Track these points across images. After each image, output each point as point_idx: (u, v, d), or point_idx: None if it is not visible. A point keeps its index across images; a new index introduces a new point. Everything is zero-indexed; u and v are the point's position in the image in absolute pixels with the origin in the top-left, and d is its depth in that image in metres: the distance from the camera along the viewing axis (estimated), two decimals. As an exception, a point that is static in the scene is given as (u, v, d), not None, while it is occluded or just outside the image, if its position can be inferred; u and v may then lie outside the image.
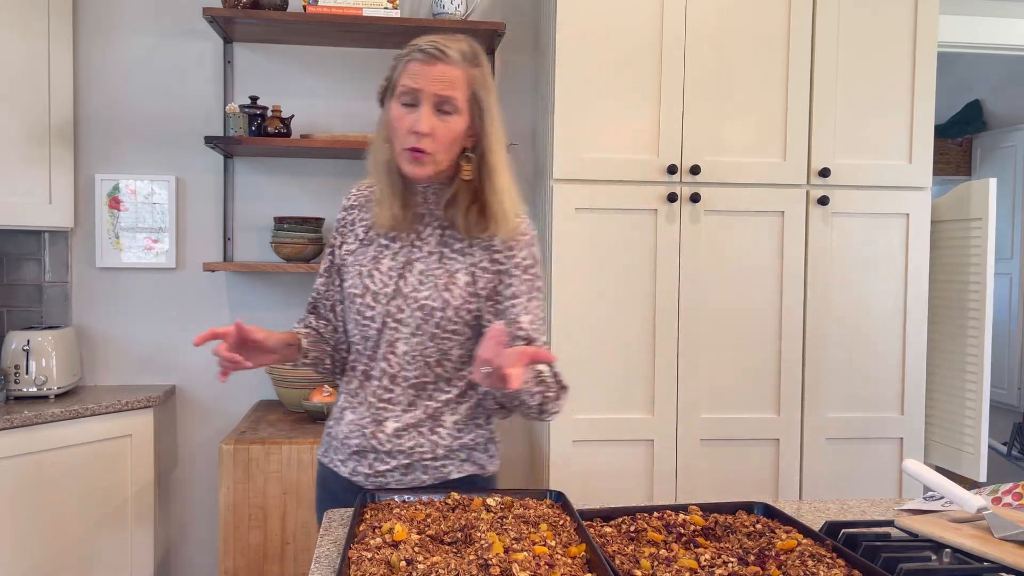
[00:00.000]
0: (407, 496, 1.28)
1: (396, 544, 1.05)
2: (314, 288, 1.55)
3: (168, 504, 2.79)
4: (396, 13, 2.51)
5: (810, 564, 1.03)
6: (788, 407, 2.43)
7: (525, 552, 1.03)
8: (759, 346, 2.42)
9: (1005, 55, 3.14)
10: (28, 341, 2.46)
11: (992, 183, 2.40)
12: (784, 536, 1.14)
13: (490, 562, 0.98)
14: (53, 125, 2.58)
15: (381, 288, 1.42)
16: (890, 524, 1.24)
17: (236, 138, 2.49)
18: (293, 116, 2.67)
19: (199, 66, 2.74)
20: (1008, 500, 1.34)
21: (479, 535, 1.08)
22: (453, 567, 0.98)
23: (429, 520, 1.15)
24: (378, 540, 1.06)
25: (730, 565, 1.03)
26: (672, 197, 2.36)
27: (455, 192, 1.41)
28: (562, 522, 1.17)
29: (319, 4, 2.49)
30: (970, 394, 2.47)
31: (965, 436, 2.48)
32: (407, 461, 1.43)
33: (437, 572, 0.97)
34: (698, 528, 1.18)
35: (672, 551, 1.09)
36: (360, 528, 1.14)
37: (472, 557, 1.01)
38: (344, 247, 1.50)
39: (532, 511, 1.20)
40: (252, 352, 1.31)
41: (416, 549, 1.03)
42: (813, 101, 2.41)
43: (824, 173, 2.40)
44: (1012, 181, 4.05)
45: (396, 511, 1.19)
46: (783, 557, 1.06)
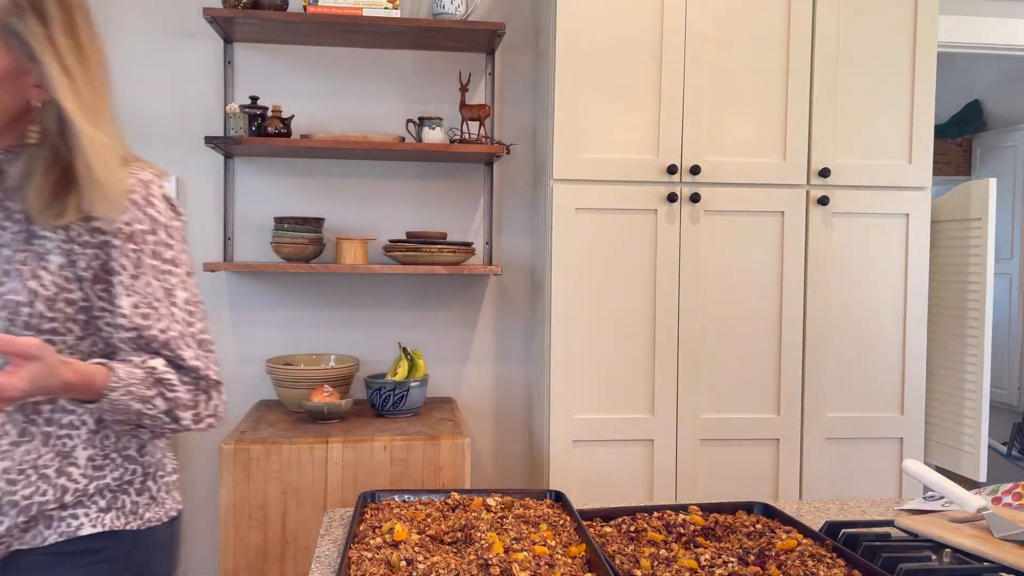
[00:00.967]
0: (407, 496, 1.28)
1: (396, 544, 1.06)
2: None
3: (168, 504, 2.79)
4: (396, 13, 2.51)
5: (810, 564, 1.03)
6: (788, 407, 2.43)
7: (525, 552, 1.03)
8: (759, 346, 2.42)
9: (1005, 55, 3.14)
10: (28, 341, 2.46)
11: (992, 183, 2.40)
12: (784, 536, 1.14)
13: (490, 562, 0.98)
14: (53, 125, 2.57)
15: None
16: (890, 524, 1.24)
17: (236, 138, 2.49)
18: (293, 116, 2.67)
19: (199, 66, 2.74)
20: (1008, 500, 1.35)
21: (479, 535, 1.08)
22: (453, 567, 0.98)
23: (429, 520, 1.15)
24: (378, 540, 1.06)
25: (730, 565, 1.03)
26: (672, 197, 2.36)
27: (28, 166, 1.08)
28: (562, 522, 1.17)
29: (319, 4, 2.49)
30: (970, 394, 2.47)
31: (965, 436, 2.48)
32: (23, 518, 1.08)
33: (437, 572, 0.97)
34: (698, 528, 1.18)
35: (672, 551, 1.09)
36: (360, 528, 1.14)
37: (472, 557, 1.01)
38: None
39: (532, 511, 1.20)
40: None
41: (416, 549, 1.03)
42: (813, 101, 2.41)
43: (824, 173, 2.40)
44: (1012, 181, 4.05)
45: (396, 511, 1.19)
46: (783, 557, 1.06)
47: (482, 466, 2.86)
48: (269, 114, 2.62)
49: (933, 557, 1.11)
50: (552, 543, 1.08)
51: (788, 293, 2.42)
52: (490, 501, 1.23)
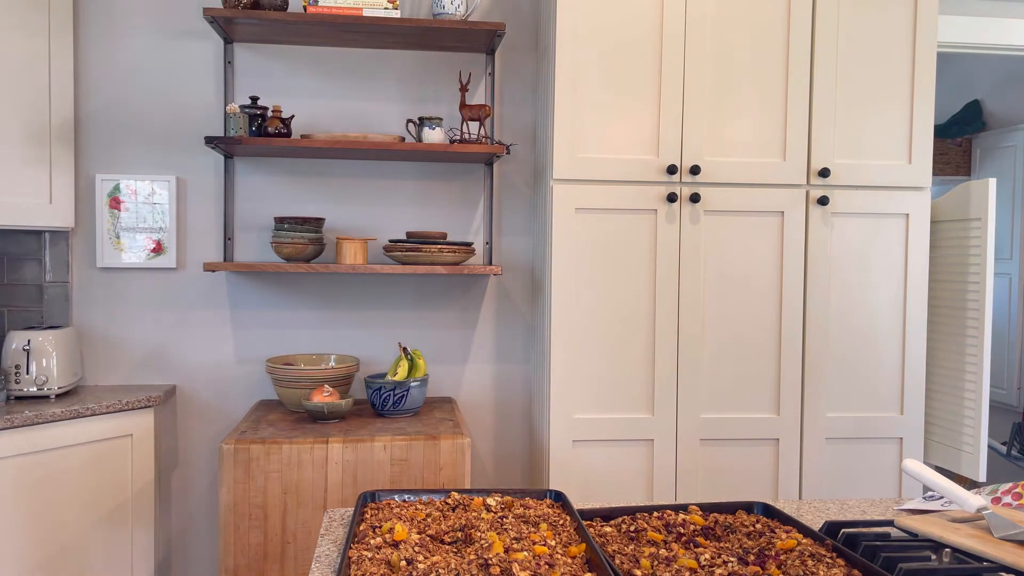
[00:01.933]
0: (407, 496, 1.28)
1: (396, 544, 1.06)
2: None
3: (168, 504, 2.79)
4: (396, 13, 2.51)
5: (810, 564, 1.03)
6: (788, 407, 2.44)
7: (525, 552, 1.03)
8: (759, 346, 2.43)
9: (1005, 55, 3.14)
10: (29, 341, 2.46)
11: (992, 183, 2.40)
12: (784, 536, 1.14)
13: (490, 562, 0.98)
14: (53, 125, 2.58)
15: None
16: (890, 524, 1.24)
17: (236, 138, 2.49)
18: (293, 116, 2.67)
19: (199, 66, 2.75)
20: (1008, 500, 1.35)
21: (479, 535, 1.08)
22: (453, 567, 0.98)
23: (429, 520, 1.15)
24: (378, 540, 1.06)
25: (730, 565, 1.03)
26: (672, 197, 2.36)
27: None
28: (562, 522, 1.17)
29: (319, 4, 2.49)
30: (970, 394, 2.47)
31: (965, 436, 2.48)
32: None
33: (437, 572, 0.97)
34: (698, 528, 1.18)
35: (672, 551, 1.09)
36: (360, 528, 1.14)
37: (472, 557, 1.01)
38: None
39: (532, 511, 1.20)
40: None
41: (416, 549, 1.03)
42: (813, 101, 2.41)
43: (824, 173, 2.40)
44: (1012, 181, 4.05)
45: (396, 511, 1.19)
46: (783, 557, 1.06)
47: (482, 466, 2.86)
48: (269, 114, 2.62)
49: (933, 557, 1.11)
50: (552, 543, 1.08)
51: (788, 293, 2.43)
52: (490, 501, 1.23)
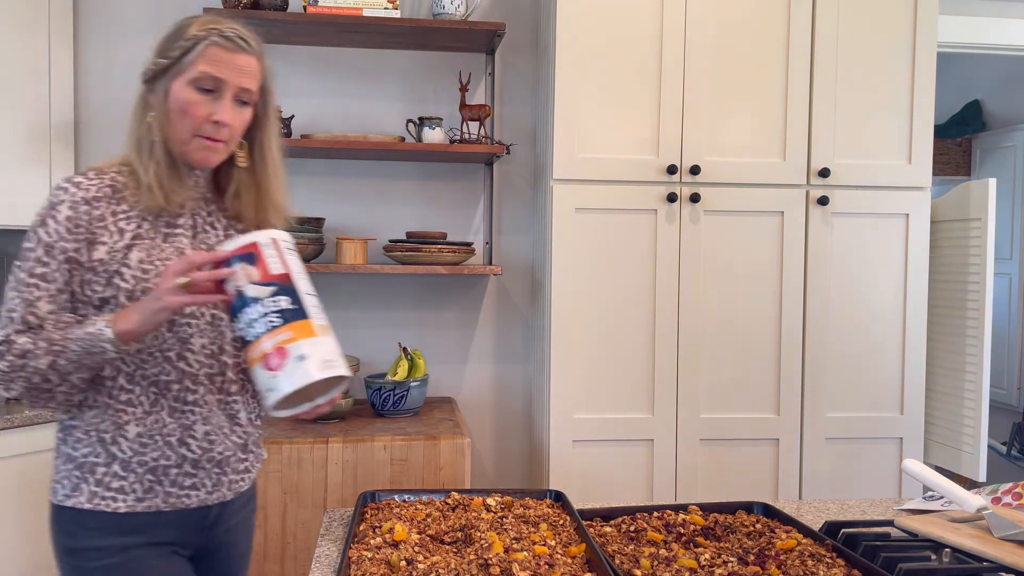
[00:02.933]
0: (407, 496, 1.28)
1: (396, 544, 1.06)
2: (26, 304, 1.23)
3: (168, 504, 2.79)
4: (396, 13, 2.51)
5: (810, 564, 1.03)
6: (788, 407, 2.43)
7: (525, 552, 1.03)
8: (759, 346, 2.42)
9: (1005, 55, 3.14)
10: (28, 341, 2.46)
11: (992, 183, 2.40)
12: (784, 536, 1.14)
13: (490, 562, 0.98)
14: (53, 125, 2.58)
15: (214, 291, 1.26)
16: (890, 524, 1.24)
17: (236, 138, 2.48)
18: (293, 116, 2.67)
19: (199, 66, 2.74)
20: (1008, 500, 1.35)
21: (479, 535, 1.08)
22: (453, 567, 0.98)
23: (429, 520, 1.15)
24: (378, 540, 1.06)
25: (730, 565, 1.03)
26: (672, 197, 2.36)
27: (237, 184, 1.38)
28: (562, 522, 1.17)
29: (319, 4, 2.49)
30: (970, 394, 2.47)
31: (965, 436, 2.48)
32: (217, 471, 1.34)
33: (437, 572, 0.97)
34: (698, 528, 1.18)
35: (672, 551, 1.09)
36: (360, 528, 1.14)
37: (472, 557, 1.01)
38: (100, 247, 1.26)
39: (532, 511, 1.20)
40: None
41: (416, 549, 1.03)
42: (813, 101, 2.41)
43: (824, 173, 2.40)
44: (1012, 181, 4.05)
45: (396, 511, 1.19)
46: (783, 557, 1.06)
47: (482, 466, 2.86)
48: (269, 114, 2.62)
49: (933, 557, 1.11)
50: (552, 543, 1.08)
51: (788, 293, 2.43)
52: (490, 501, 1.22)
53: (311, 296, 1.21)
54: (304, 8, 2.50)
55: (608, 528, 1.19)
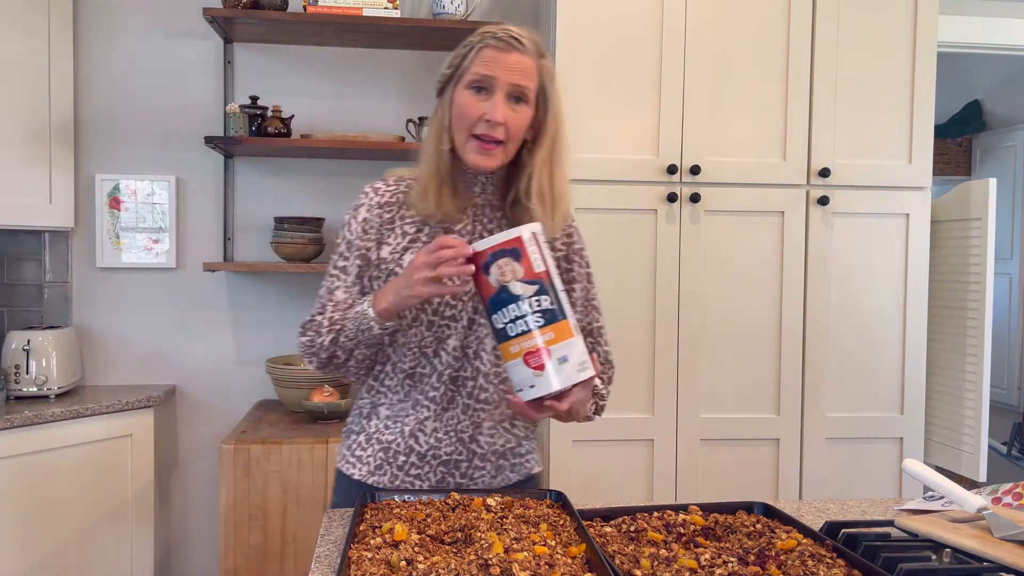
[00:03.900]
0: (407, 496, 1.28)
1: (396, 544, 1.05)
2: (328, 291, 1.39)
3: (168, 504, 2.79)
4: (396, 13, 2.51)
5: (810, 564, 1.03)
6: (788, 407, 2.43)
7: (525, 552, 1.03)
8: (759, 346, 2.42)
9: (1005, 55, 3.14)
10: (28, 341, 2.46)
11: (992, 183, 2.40)
12: (784, 536, 1.14)
13: (490, 562, 0.98)
14: (53, 125, 2.58)
15: (461, 285, 1.33)
16: (890, 524, 1.24)
17: (236, 138, 2.49)
18: (293, 116, 2.67)
19: (199, 66, 2.74)
20: (1008, 500, 1.34)
21: (479, 535, 1.08)
22: (453, 567, 0.98)
23: (429, 520, 1.15)
24: (378, 540, 1.06)
25: (730, 565, 1.03)
26: (672, 197, 2.36)
27: (518, 189, 1.38)
28: (562, 522, 1.17)
29: (319, 4, 2.49)
30: (970, 394, 2.47)
31: (965, 436, 2.48)
32: (501, 461, 1.42)
33: (437, 572, 0.97)
34: (698, 528, 1.18)
35: (672, 551, 1.09)
36: (360, 528, 1.14)
37: (472, 557, 1.01)
38: (384, 247, 1.38)
39: (532, 511, 1.20)
40: None
41: (416, 549, 1.03)
42: (813, 101, 2.41)
43: (824, 173, 2.40)
44: (1012, 181, 4.05)
45: (396, 511, 1.19)
46: (783, 557, 1.06)
47: (482, 466, 2.86)
48: (269, 114, 2.62)
49: (933, 557, 1.11)
50: (552, 543, 1.08)
51: (788, 293, 2.42)
52: (490, 501, 1.22)
53: (564, 292, 1.24)
54: (304, 8, 2.50)
55: (608, 528, 1.18)
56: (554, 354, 1.18)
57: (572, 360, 1.19)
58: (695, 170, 2.36)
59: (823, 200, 2.40)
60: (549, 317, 1.18)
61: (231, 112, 2.51)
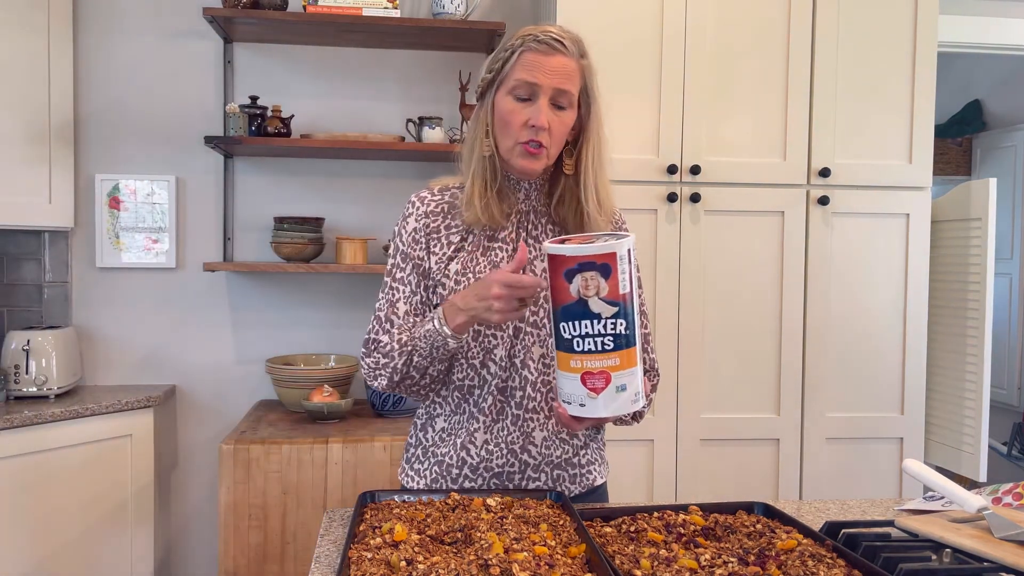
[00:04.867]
0: (407, 496, 1.28)
1: (396, 544, 1.05)
2: (390, 304, 1.38)
3: (168, 504, 2.79)
4: (396, 13, 2.51)
5: (810, 564, 1.03)
6: (788, 407, 2.43)
7: (525, 552, 1.03)
8: (759, 346, 2.42)
9: (1005, 55, 3.14)
10: (28, 341, 2.46)
11: (992, 183, 2.40)
12: (784, 536, 1.14)
13: (490, 562, 0.98)
14: (53, 125, 2.58)
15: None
16: (890, 524, 1.24)
17: (236, 138, 2.49)
18: (293, 116, 2.67)
19: (199, 66, 2.74)
20: (1008, 500, 1.34)
21: (479, 535, 1.08)
22: (453, 567, 0.97)
23: (429, 520, 1.15)
24: (378, 540, 1.06)
25: (730, 565, 1.03)
26: (672, 197, 2.36)
27: (562, 190, 1.38)
28: (562, 522, 1.17)
29: (319, 4, 2.49)
30: (970, 394, 2.47)
31: (965, 436, 2.48)
32: (557, 472, 1.40)
33: (437, 572, 0.96)
34: (698, 528, 1.18)
35: (672, 551, 1.09)
36: (360, 528, 1.14)
37: (472, 557, 1.01)
38: (432, 257, 1.38)
39: (532, 511, 1.20)
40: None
41: (416, 549, 1.03)
42: (813, 101, 2.41)
43: (824, 173, 2.40)
44: (1012, 181, 4.05)
45: (396, 511, 1.19)
46: (783, 557, 1.06)
47: (482, 466, 2.86)
48: (269, 114, 2.62)
49: (933, 557, 1.11)
50: (552, 543, 1.07)
51: (788, 293, 2.42)
52: (490, 501, 1.22)
53: (639, 315, 1.20)
54: (304, 8, 2.50)
55: (608, 528, 1.18)
56: (614, 381, 1.15)
57: (629, 390, 1.16)
58: (695, 170, 2.36)
59: (823, 200, 2.40)
60: (620, 343, 1.14)
61: (231, 112, 2.51)
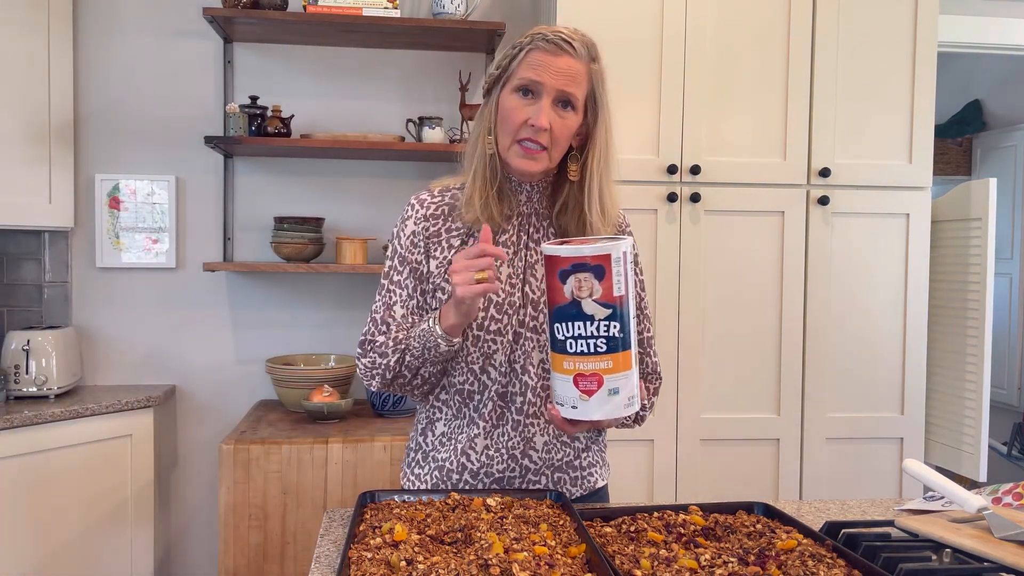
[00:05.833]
0: (407, 496, 1.28)
1: (396, 544, 1.05)
2: (386, 306, 1.37)
3: (168, 504, 2.79)
4: (396, 13, 2.51)
5: (810, 564, 1.03)
6: (788, 407, 2.43)
7: (525, 552, 1.03)
8: (759, 346, 2.42)
9: (1005, 55, 3.14)
10: (28, 341, 2.46)
11: (992, 183, 2.40)
12: (784, 536, 1.14)
13: (490, 562, 0.98)
14: (53, 125, 2.58)
15: (506, 299, 1.33)
16: (890, 524, 1.24)
17: (236, 138, 2.49)
18: (293, 116, 2.67)
19: (199, 66, 2.74)
20: (1008, 500, 1.34)
21: (479, 535, 1.08)
22: (453, 567, 0.97)
23: (429, 520, 1.15)
24: (378, 540, 1.06)
25: (730, 565, 1.03)
26: (672, 197, 2.36)
27: (566, 197, 1.36)
28: (562, 522, 1.17)
29: (319, 4, 2.49)
30: (970, 394, 2.47)
31: (965, 436, 2.48)
32: (558, 475, 1.39)
33: (437, 572, 0.96)
34: (698, 528, 1.18)
35: (672, 551, 1.09)
36: (360, 528, 1.14)
37: (472, 557, 1.01)
38: (432, 261, 1.36)
39: (532, 511, 1.20)
40: None
41: (416, 549, 1.03)
42: (813, 101, 2.41)
43: (824, 173, 2.40)
44: (1012, 181, 4.05)
45: (396, 511, 1.19)
46: (783, 557, 1.06)
47: (482, 466, 2.86)
48: (269, 114, 2.62)
49: (933, 557, 1.11)
50: (552, 543, 1.07)
51: (788, 293, 2.42)
52: (490, 501, 1.22)
53: (635, 319, 1.19)
54: (304, 8, 2.50)
55: (608, 528, 1.18)
56: (606, 384, 1.14)
57: (622, 394, 1.15)
58: (695, 170, 2.36)
59: (823, 200, 2.40)
60: (613, 345, 1.13)
61: (231, 112, 2.51)
